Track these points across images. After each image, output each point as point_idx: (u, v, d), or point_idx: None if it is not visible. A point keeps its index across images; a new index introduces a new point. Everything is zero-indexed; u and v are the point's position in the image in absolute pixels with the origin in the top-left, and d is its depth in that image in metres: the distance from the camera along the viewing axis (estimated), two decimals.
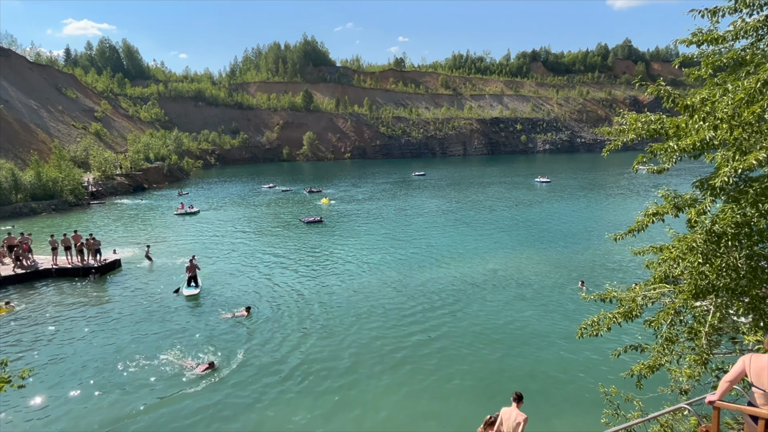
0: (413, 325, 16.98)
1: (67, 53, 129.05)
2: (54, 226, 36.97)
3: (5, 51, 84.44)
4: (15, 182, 45.06)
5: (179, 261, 25.71)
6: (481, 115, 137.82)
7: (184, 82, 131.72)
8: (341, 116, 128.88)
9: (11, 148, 60.87)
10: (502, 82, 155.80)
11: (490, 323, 17.00)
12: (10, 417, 11.61)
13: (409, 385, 12.96)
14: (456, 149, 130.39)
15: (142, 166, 70.50)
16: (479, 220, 36.99)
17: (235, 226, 36.94)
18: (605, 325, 6.57)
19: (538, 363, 14.04)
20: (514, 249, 27.56)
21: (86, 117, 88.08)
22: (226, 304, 19.35)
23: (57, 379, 13.53)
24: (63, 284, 22.48)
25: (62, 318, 18.18)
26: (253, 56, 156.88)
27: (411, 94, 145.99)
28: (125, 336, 16.46)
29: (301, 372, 13.63)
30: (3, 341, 15.97)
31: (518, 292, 20.20)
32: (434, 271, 23.37)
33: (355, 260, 25.81)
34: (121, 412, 11.89)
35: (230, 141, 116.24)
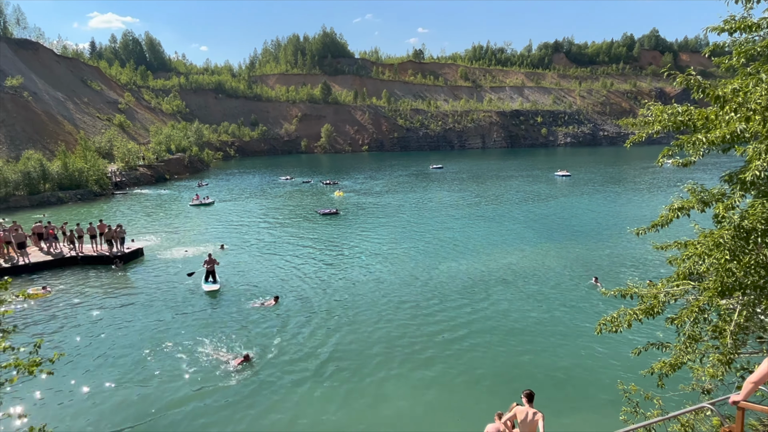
0: (430, 318, 16.93)
1: (92, 46, 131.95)
2: (80, 215, 38.04)
3: (33, 44, 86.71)
4: (43, 172, 46.49)
5: (198, 251, 26.19)
6: (501, 108, 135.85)
7: (205, 75, 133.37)
8: (359, 108, 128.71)
9: (39, 139, 62.72)
10: (522, 74, 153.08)
11: (505, 318, 16.85)
12: (41, 400, 12.02)
13: (428, 379, 12.94)
14: (475, 142, 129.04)
15: (164, 157, 71.87)
16: (497, 214, 36.61)
17: (253, 217, 37.39)
18: (625, 322, 6.42)
19: (555, 358, 13.87)
20: (532, 243, 27.20)
21: (110, 109, 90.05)
22: (251, 294, 19.50)
23: (88, 365, 13.83)
24: (89, 271, 23.14)
25: (91, 304, 18.72)
26: (272, 48, 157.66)
27: (429, 86, 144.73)
28: (153, 324, 16.72)
29: (331, 366, 13.49)
30: (36, 324, 16.55)
31: (535, 287, 19.96)
32: (451, 265, 23.25)
33: (372, 252, 25.86)
34: (154, 402, 11.88)
35: (249, 133, 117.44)
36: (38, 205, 43.74)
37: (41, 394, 12.17)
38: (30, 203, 43.83)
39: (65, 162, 48.94)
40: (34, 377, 4.82)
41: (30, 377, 4.99)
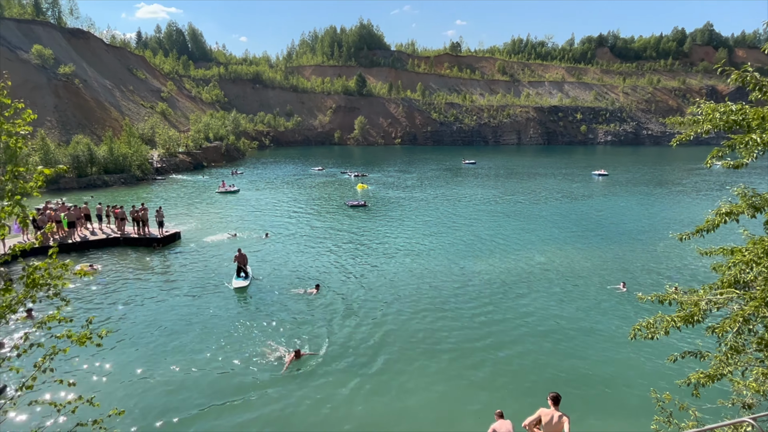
0: (458, 314, 16.82)
1: (139, 36, 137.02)
2: (123, 197, 39.82)
3: (85, 34, 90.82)
4: (91, 156, 48.90)
5: (226, 237, 26.97)
6: (539, 103, 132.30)
7: (243, 65, 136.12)
8: (393, 101, 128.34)
9: (88, 124, 65.90)
10: (563, 69, 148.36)
11: (533, 318, 16.53)
12: (89, 372, 12.73)
13: (453, 376, 12.89)
14: (510, 138, 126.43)
15: (202, 145, 74.08)
16: (529, 212, 35.83)
17: (284, 207, 38.07)
18: (662, 328, 6.16)
19: (584, 362, 13.51)
20: (565, 244, 26.50)
21: (153, 97, 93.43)
22: (290, 282, 19.76)
23: (134, 345, 14.31)
24: (131, 253, 24.23)
25: (134, 285, 19.60)
26: (309, 40, 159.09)
27: (466, 80, 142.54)
28: (195, 308, 17.06)
29: (379, 364, 13.29)
30: (82, 300, 17.51)
31: (565, 288, 19.46)
32: (480, 262, 22.98)
33: (402, 246, 25.87)
34: (198, 389, 11.91)
35: (284, 123, 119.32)
36: (85, 187, 46.08)
37: (89, 367, 12.86)
38: (78, 185, 46.23)
39: (111, 147, 51.26)
40: (85, 347, 5.08)
41: (81, 349, 5.29)
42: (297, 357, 13.24)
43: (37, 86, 64.63)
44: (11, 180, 4.40)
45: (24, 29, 75.53)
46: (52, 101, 64.31)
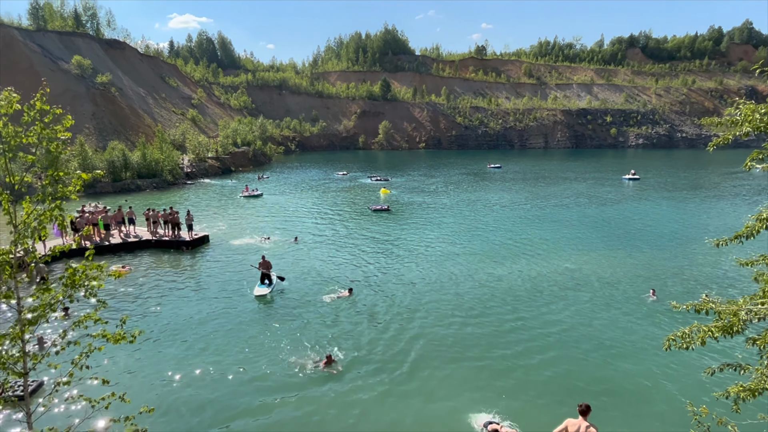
0: (484, 320, 16.59)
1: (171, 45, 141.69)
2: (156, 201, 41.11)
3: (121, 44, 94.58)
4: (125, 161, 50.77)
5: (264, 240, 27.44)
6: (567, 106, 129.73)
7: (270, 72, 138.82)
8: (417, 105, 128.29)
9: (123, 131, 68.50)
10: (592, 71, 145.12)
11: (562, 325, 16.14)
12: (122, 370, 13.16)
13: (477, 382, 12.72)
14: (536, 142, 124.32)
15: (230, 150, 75.81)
16: (557, 217, 35.08)
17: (308, 211, 38.48)
18: (699, 339, 5.90)
19: (614, 372, 13.08)
20: (593, 249, 25.80)
21: (184, 104, 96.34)
22: (320, 285, 19.79)
23: (165, 346, 14.69)
24: (162, 255, 24.97)
25: (165, 287, 20.16)
26: (335, 46, 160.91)
27: (491, 84, 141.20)
28: (226, 310, 17.23)
29: (409, 370, 13.09)
30: (116, 300, 18.15)
31: (594, 295, 18.93)
32: (506, 267, 22.63)
33: (426, 250, 25.74)
34: (228, 393, 11.96)
35: (310, 128, 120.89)
36: (120, 191, 47.84)
37: (119, 365, 13.29)
38: (113, 189, 48.04)
39: (144, 153, 53.09)
40: (118, 346, 5.26)
41: (111, 347, 5.47)
42: (329, 362, 13.17)
43: (77, 95, 67.63)
44: (51, 184, 4.62)
45: (65, 41, 79.31)
46: (90, 109, 67.16)
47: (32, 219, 4.55)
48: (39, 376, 11.88)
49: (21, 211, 4.60)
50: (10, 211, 4.50)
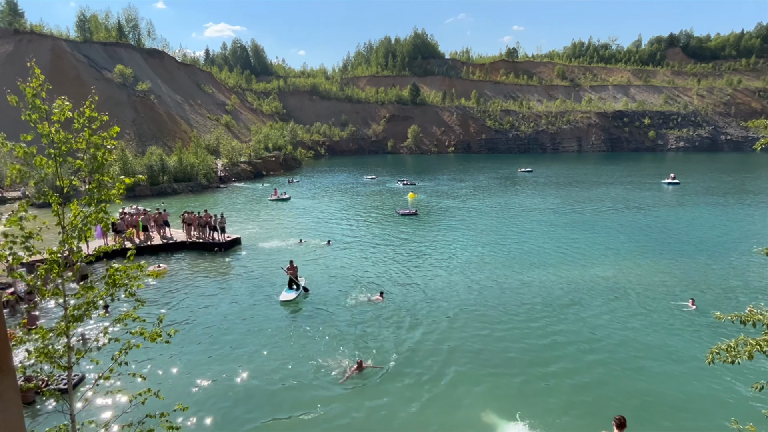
0: (516, 328, 16.24)
1: (207, 53, 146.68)
2: (191, 204, 42.48)
3: (160, 53, 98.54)
4: (162, 166, 52.74)
5: (294, 243, 27.86)
6: (602, 108, 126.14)
7: (301, 78, 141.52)
8: (447, 109, 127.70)
9: (160, 136, 71.23)
10: (629, 72, 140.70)
11: (598, 335, 15.60)
12: (156, 367, 13.63)
13: (509, 391, 12.47)
14: (569, 145, 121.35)
15: (262, 154, 77.55)
16: (591, 223, 34.05)
17: (336, 214, 38.82)
18: (746, 352, 5.58)
19: (650, 384, 12.53)
20: (629, 256, 24.87)
21: (219, 110, 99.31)
22: (352, 289, 19.81)
23: (197, 346, 15.09)
24: (196, 257, 25.73)
25: (198, 287, 20.75)
26: (364, 51, 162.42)
27: (522, 86, 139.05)
28: (257, 312, 17.48)
29: (445, 381, 12.77)
30: (153, 300, 18.82)
31: (630, 303, 18.22)
32: (538, 274, 22.11)
33: (456, 255, 25.49)
34: (258, 396, 12.06)
35: (339, 133, 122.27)
36: (158, 194, 49.70)
37: (153, 363, 13.75)
38: (151, 192, 49.96)
39: (180, 157, 55.00)
40: (151, 343, 5.44)
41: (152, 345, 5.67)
42: (360, 369, 12.98)
43: (119, 102, 70.86)
44: (98, 188, 4.85)
45: (109, 51, 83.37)
46: (130, 116, 70.23)
47: (79, 221, 4.79)
48: (80, 370, 12.43)
49: (68, 213, 4.85)
50: (59, 213, 4.76)
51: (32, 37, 76.27)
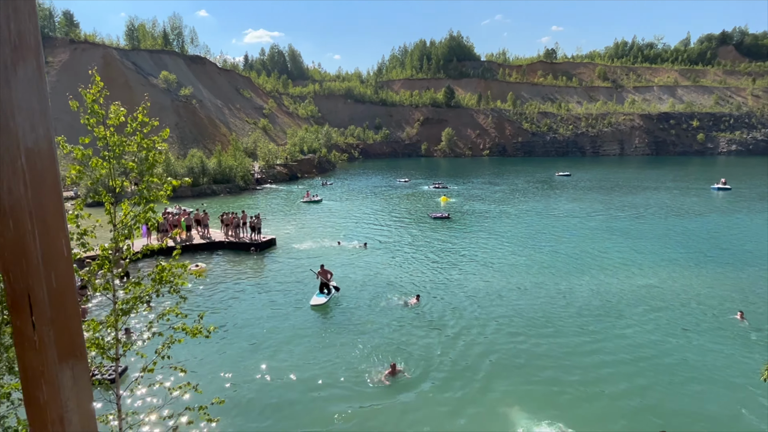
0: (553, 335, 15.81)
1: (246, 59, 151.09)
2: (230, 205, 43.83)
3: (202, 59, 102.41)
4: (203, 168, 54.72)
5: (318, 245, 28.23)
6: (646, 110, 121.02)
7: (336, 81, 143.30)
8: (482, 112, 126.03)
9: (201, 139, 73.94)
10: (676, 72, 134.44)
11: (637, 346, 14.94)
12: (195, 362, 14.11)
13: (548, 402, 12.15)
14: (611, 148, 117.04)
15: (297, 157, 79.06)
16: (633, 229, 32.70)
17: (370, 216, 39.00)
18: None
19: (695, 402, 11.88)
20: (674, 265, 23.70)
21: (256, 114, 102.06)
22: (388, 291, 19.79)
23: (233, 343, 15.52)
24: (233, 256, 26.51)
25: (236, 286, 21.37)
26: (399, 54, 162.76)
27: (561, 88, 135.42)
28: (290, 314, 17.64)
29: (481, 389, 12.58)
30: (191, 297, 19.52)
31: (675, 315, 17.35)
32: (577, 281, 21.43)
33: (491, 260, 25.10)
34: (291, 396, 12.15)
35: (373, 136, 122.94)
36: (198, 195, 51.56)
37: (193, 358, 14.22)
38: (192, 193, 51.88)
39: (219, 160, 56.90)
40: (189, 339, 5.64)
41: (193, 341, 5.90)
42: (393, 373, 12.87)
43: (163, 107, 74.10)
44: (146, 188, 5.10)
45: (155, 58, 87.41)
46: (174, 120, 73.27)
47: (129, 219, 5.05)
48: (125, 362, 13.03)
49: (119, 212, 5.12)
50: (111, 212, 5.03)
51: (86, 46, 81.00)
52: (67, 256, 1.03)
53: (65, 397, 1.02)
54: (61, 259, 1.02)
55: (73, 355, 1.03)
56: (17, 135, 0.95)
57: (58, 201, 1.03)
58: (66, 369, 1.02)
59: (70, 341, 1.03)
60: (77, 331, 1.05)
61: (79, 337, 1.05)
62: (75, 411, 1.03)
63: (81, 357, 1.06)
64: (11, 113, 0.95)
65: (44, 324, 0.98)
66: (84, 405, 1.06)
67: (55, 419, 1.01)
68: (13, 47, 0.93)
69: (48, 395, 1.00)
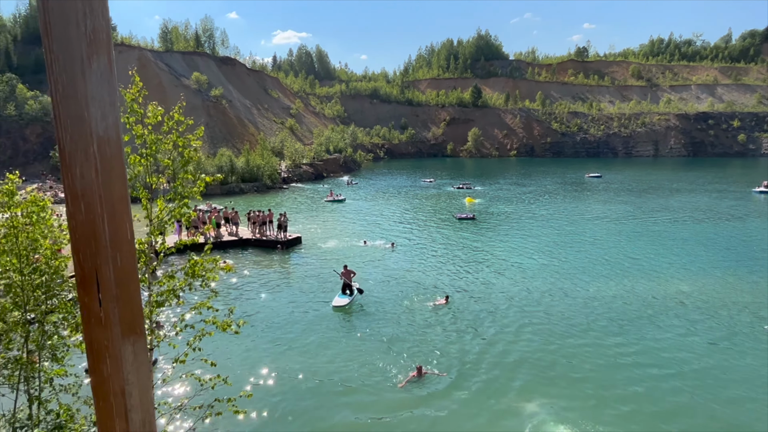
0: (584, 341, 15.42)
1: (274, 60, 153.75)
2: (257, 203, 44.69)
3: (231, 60, 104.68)
4: (231, 167, 55.96)
5: (344, 244, 28.42)
6: (683, 110, 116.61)
7: (363, 81, 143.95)
8: (510, 112, 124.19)
9: (230, 138, 75.61)
10: (716, 70, 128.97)
11: (674, 356, 14.38)
12: (223, 356, 14.45)
13: (585, 410, 11.88)
14: (644, 149, 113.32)
15: (323, 157, 79.87)
16: (667, 233, 31.56)
17: (394, 216, 39.00)
18: None
19: (739, 416, 11.36)
20: (711, 272, 22.72)
21: (284, 114, 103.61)
22: (416, 291, 19.74)
23: (260, 339, 15.74)
24: (260, 253, 27.01)
25: (263, 282, 21.78)
26: (426, 54, 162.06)
27: (593, 87, 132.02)
28: (315, 312, 17.74)
29: (514, 397, 12.19)
30: (225, 295, 19.97)
31: (711, 324, 16.62)
32: (608, 285, 20.84)
33: (517, 262, 24.70)
34: (319, 396, 12.17)
35: (398, 136, 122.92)
36: (227, 193, 52.77)
37: (220, 352, 14.56)
38: (221, 192, 53.14)
39: (247, 159, 58.08)
40: (224, 333, 5.79)
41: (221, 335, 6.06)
42: (419, 374, 12.67)
43: (194, 107, 76.15)
44: (182, 185, 5.27)
45: (187, 60, 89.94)
46: (204, 119, 75.17)
47: (164, 214, 5.23)
48: (157, 353, 13.46)
49: (155, 208, 5.31)
50: (148, 207, 5.22)
51: (123, 48, 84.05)
52: (130, 239, 1.10)
53: (126, 371, 1.09)
54: (125, 242, 1.09)
55: (134, 331, 1.11)
56: (90, 124, 1.02)
57: (123, 187, 1.10)
58: (128, 344, 1.09)
59: (132, 319, 1.10)
60: (138, 310, 1.12)
61: (139, 315, 1.12)
62: (135, 385, 1.10)
63: (141, 334, 1.13)
64: (86, 103, 1.01)
65: (110, 301, 1.06)
66: (143, 380, 1.13)
67: (117, 391, 1.08)
68: (89, 42, 1.00)
69: (111, 369, 1.07)
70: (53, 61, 0.98)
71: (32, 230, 5.85)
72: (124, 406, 1.09)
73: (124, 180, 1.10)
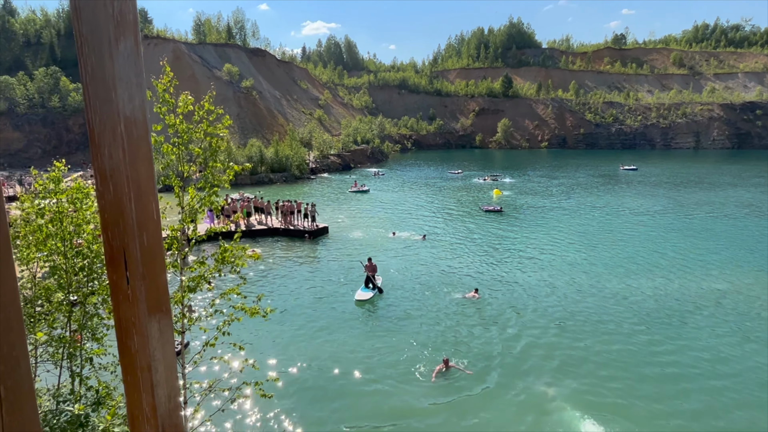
0: (615, 338, 15.05)
1: (303, 51, 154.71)
2: (287, 193, 45.40)
3: (261, 52, 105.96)
4: (261, 157, 56.96)
5: (370, 235, 28.53)
6: (728, 99, 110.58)
7: (391, 72, 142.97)
8: (542, 102, 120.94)
9: (260, 129, 76.85)
10: (766, 56, 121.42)
11: (715, 356, 13.82)
12: (248, 341, 14.86)
13: (615, 410, 11.65)
14: (684, 141, 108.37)
15: (351, 147, 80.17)
16: (707, 229, 30.22)
17: (421, 208, 38.83)
18: None
19: None
20: (751, 270, 21.63)
21: (312, 105, 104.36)
22: (446, 284, 19.69)
23: (288, 327, 16.08)
24: (288, 242, 27.49)
25: (290, 271, 22.21)
26: (455, 43, 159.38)
27: (630, 76, 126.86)
28: (343, 303, 17.86)
29: (545, 393, 11.98)
30: (255, 282, 20.49)
31: (751, 325, 15.87)
32: (647, 283, 20.13)
33: (545, 256, 24.23)
34: (343, 388, 12.19)
35: (426, 127, 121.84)
36: (256, 183, 53.82)
37: (251, 337, 14.95)
38: (251, 181, 54.23)
39: (276, 149, 58.96)
40: (252, 319, 5.95)
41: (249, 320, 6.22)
42: (446, 366, 12.67)
43: (225, 98, 77.69)
44: (212, 174, 5.40)
45: (219, 51, 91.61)
46: (235, 110, 76.64)
47: (195, 202, 5.39)
48: (188, 337, 13.95)
49: (186, 196, 5.47)
50: (180, 195, 5.39)
51: (158, 40, 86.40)
52: (156, 219, 1.13)
53: (153, 347, 1.13)
54: (151, 221, 1.13)
55: (160, 309, 1.15)
56: (117, 105, 1.05)
57: (149, 167, 1.12)
58: (154, 321, 1.14)
59: (158, 296, 1.14)
60: (164, 288, 1.15)
61: (165, 293, 1.15)
62: (161, 361, 1.15)
63: (166, 312, 1.17)
64: (113, 84, 1.04)
65: (137, 279, 1.10)
66: (168, 356, 1.17)
67: (144, 367, 1.13)
68: (116, 24, 1.02)
69: (138, 345, 1.12)
70: (83, 43, 1.00)
71: (76, 216, 6.17)
72: (150, 380, 1.13)
73: (150, 160, 1.12)
